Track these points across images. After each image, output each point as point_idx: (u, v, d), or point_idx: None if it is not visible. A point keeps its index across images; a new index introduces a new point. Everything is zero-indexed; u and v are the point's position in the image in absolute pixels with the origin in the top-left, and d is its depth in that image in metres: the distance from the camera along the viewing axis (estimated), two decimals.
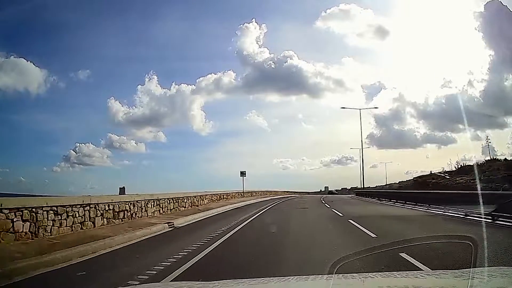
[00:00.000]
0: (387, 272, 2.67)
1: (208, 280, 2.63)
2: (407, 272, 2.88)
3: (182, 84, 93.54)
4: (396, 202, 28.59)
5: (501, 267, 2.28)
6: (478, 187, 22.32)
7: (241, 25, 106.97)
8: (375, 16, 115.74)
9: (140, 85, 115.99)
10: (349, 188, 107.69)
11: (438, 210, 18.77)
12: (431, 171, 53.90)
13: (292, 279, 2.64)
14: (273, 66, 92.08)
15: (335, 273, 2.41)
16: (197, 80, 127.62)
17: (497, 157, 42.11)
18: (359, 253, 3.36)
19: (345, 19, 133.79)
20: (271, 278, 2.86)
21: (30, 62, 65.65)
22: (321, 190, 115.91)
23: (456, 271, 2.35)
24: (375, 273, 2.56)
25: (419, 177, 54.06)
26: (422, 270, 5.06)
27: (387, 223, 14.23)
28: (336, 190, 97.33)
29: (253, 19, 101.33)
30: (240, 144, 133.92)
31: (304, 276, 2.70)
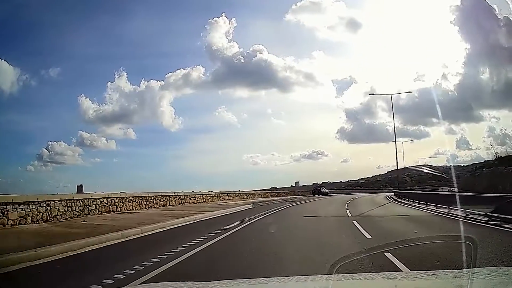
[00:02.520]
0: (387, 272, 2.69)
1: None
2: (407, 272, 2.91)
3: (151, 81, 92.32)
4: None
5: (501, 267, 2.32)
6: None
7: (211, 20, 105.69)
8: (347, 8, 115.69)
9: (109, 82, 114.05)
10: (321, 183, 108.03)
11: None
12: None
13: (292, 279, 2.64)
14: (242, 61, 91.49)
15: (335, 273, 2.42)
16: (166, 76, 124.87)
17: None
18: None
19: (316, 12, 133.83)
20: (271, 278, 2.87)
21: (4, 60, 64.21)
22: (292, 185, 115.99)
23: (456, 271, 2.38)
24: (375, 273, 2.57)
25: None
26: None
27: None
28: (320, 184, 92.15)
29: (223, 14, 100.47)
30: (210, 140, 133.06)
31: (304, 276, 2.71)
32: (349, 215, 18.18)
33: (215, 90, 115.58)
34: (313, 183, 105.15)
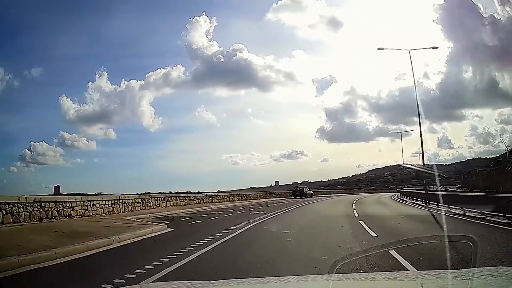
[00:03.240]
0: (387, 272, 2.70)
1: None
2: (407, 272, 2.93)
3: (131, 80, 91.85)
4: None
5: (501, 267, 2.34)
6: None
7: (191, 19, 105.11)
8: (329, 6, 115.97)
9: (90, 82, 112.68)
10: (300, 182, 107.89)
11: None
12: None
13: (292, 279, 2.64)
14: (222, 60, 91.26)
15: (335, 273, 2.42)
16: (146, 75, 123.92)
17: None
18: None
19: (296, 11, 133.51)
20: (271, 278, 2.87)
21: None
22: (271, 185, 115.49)
23: (456, 271, 2.39)
24: (375, 273, 2.59)
25: None
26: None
27: None
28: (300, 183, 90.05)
29: (204, 13, 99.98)
30: (190, 140, 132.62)
31: (304, 276, 2.71)
32: None
33: (195, 90, 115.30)
34: (293, 183, 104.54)
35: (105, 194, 25.58)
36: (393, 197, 45.06)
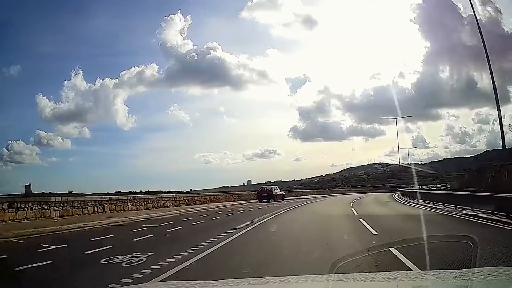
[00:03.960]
0: (387, 272, 2.71)
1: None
2: (407, 272, 2.95)
3: (106, 79, 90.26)
4: None
5: (501, 267, 2.38)
6: None
7: (166, 17, 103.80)
8: (304, 5, 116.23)
9: (66, 81, 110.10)
10: (273, 181, 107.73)
11: None
12: None
13: (292, 279, 2.64)
14: (196, 58, 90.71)
15: (335, 273, 2.41)
16: (120, 74, 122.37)
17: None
18: None
19: (271, 9, 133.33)
20: (271, 278, 2.87)
21: None
22: (244, 184, 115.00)
23: (456, 271, 2.41)
24: (375, 273, 2.58)
25: None
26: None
27: None
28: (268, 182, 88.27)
29: (179, 11, 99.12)
30: (163, 139, 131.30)
31: (304, 276, 2.70)
32: None
33: (168, 88, 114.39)
34: (265, 182, 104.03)
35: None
36: (410, 201, 30.72)
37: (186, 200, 31.24)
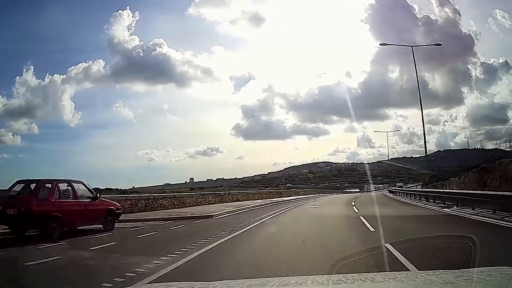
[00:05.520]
0: (387, 272, 2.69)
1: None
2: (407, 272, 2.96)
3: (55, 75, 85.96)
4: None
5: (501, 267, 2.42)
6: None
7: (115, 12, 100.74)
8: (252, 2, 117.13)
9: (18, 77, 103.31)
10: (215, 179, 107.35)
11: None
12: None
13: (292, 279, 2.63)
14: (141, 54, 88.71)
15: (335, 273, 2.38)
16: (68, 69, 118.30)
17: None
18: None
19: (218, 5, 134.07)
20: (271, 278, 2.83)
21: None
22: (186, 181, 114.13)
23: (456, 271, 2.43)
24: (375, 273, 2.55)
25: None
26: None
27: None
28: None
29: (128, 6, 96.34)
30: (108, 136, 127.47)
31: (304, 276, 2.71)
32: None
33: (114, 85, 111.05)
34: (207, 179, 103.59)
35: None
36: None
37: None
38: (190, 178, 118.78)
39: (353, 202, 27.99)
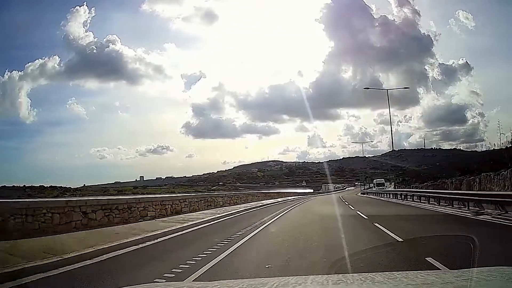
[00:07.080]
0: (387, 272, 2.65)
1: None
2: (407, 272, 2.93)
3: (13, 71, 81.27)
4: None
5: (501, 267, 2.43)
6: None
7: (72, 8, 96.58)
8: None
9: None
10: (164, 178, 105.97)
11: None
12: None
13: (291, 279, 2.57)
14: (95, 51, 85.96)
15: (335, 273, 2.33)
16: (25, 66, 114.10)
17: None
18: None
19: (172, 2, 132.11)
20: (270, 278, 2.85)
21: None
22: (136, 179, 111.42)
23: (456, 271, 2.43)
24: (375, 273, 2.50)
25: None
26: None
27: None
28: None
29: (85, 2, 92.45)
30: (61, 133, 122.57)
31: (304, 276, 2.71)
32: None
33: (67, 81, 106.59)
34: (156, 178, 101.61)
35: None
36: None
37: None
38: (140, 177, 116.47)
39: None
